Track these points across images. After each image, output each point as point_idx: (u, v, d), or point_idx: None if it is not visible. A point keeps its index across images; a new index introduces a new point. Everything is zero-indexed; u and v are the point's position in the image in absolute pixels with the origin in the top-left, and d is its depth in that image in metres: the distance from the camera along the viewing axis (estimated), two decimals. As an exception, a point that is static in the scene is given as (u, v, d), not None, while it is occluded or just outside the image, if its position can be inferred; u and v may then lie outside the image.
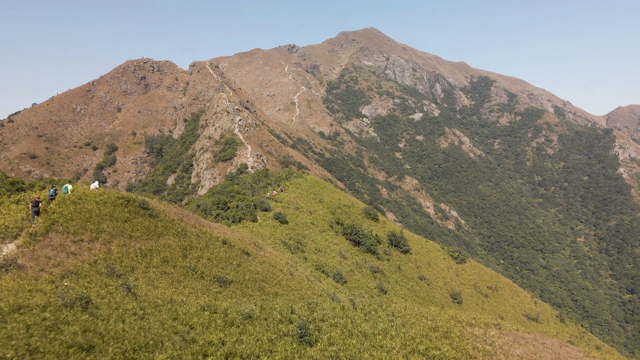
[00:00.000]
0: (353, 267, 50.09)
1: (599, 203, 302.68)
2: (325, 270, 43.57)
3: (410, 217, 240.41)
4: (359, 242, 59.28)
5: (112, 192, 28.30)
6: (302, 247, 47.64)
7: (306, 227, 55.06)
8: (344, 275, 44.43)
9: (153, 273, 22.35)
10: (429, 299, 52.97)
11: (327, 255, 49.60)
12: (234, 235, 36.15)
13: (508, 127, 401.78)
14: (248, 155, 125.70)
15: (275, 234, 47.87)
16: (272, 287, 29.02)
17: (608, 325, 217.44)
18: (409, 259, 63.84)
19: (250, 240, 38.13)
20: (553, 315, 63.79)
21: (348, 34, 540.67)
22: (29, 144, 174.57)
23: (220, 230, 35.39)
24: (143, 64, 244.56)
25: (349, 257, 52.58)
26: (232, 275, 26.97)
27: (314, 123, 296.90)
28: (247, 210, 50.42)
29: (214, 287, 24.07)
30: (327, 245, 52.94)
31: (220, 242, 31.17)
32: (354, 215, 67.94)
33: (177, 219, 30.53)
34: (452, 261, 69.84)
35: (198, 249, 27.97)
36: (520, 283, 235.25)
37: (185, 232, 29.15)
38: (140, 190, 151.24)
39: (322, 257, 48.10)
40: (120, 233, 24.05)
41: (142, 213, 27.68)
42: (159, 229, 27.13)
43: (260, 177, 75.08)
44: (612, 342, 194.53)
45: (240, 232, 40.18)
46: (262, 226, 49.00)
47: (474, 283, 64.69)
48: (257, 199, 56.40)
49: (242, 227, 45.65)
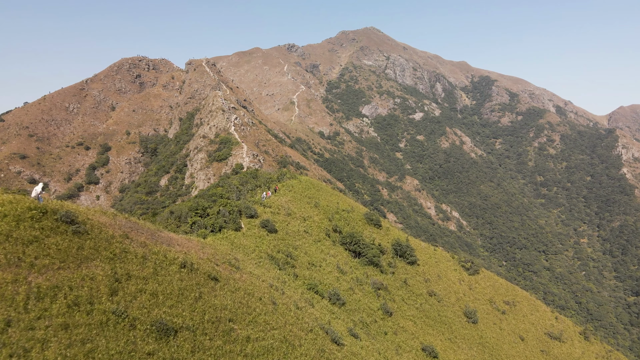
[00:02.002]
0: (353, 284, 44.15)
1: (602, 204, 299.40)
2: (320, 289, 37.55)
3: (411, 218, 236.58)
4: (359, 253, 53.03)
5: (23, 201, 20.95)
6: (292, 261, 41.27)
7: (298, 237, 48.34)
8: (341, 296, 38.44)
9: (45, 329, 15.75)
10: (440, 320, 47.30)
11: (322, 271, 43.34)
12: (204, 253, 29.78)
13: (509, 126, 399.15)
14: (244, 155, 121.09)
15: (261, 246, 41.48)
16: (244, 328, 22.79)
17: (613, 328, 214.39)
18: (417, 272, 57.21)
19: (225, 257, 31.79)
20: (576, 332, 57.88)
21: (348, 33, 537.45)
22: (19, 144, 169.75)
23: (185, 246, 28.71)
24: (138, 61, 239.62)
25: (348, 272, 46.45)
26: (184, 317, 20.56)
27: (314, 123, 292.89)
28: (229, 217, 44.01)
29: (148, 343, 17.56)
30: (323, 257, 46.55)
31: (176, 266, 24.17)
32: (353, 222, 61.08)
33: (120, 235, 23.33)
34: (464, 272, 62.88)
35: (139, 280, 21.00)
36: (523, 285, 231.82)
37: (126, 255, 22.02)
38: (133, 192, 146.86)
39: (317, 273, 42.03)
40: (14, 262, 17.44)
41: (62, 229, 20.55)
42: (85, 252, 20.38)
43: (247, 179, 67.17)
44: (617, 346, 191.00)
45: (215, 247, 33.91)
46: (246, 236, 42.42)
47: (490, 297, 58.43)
48: (243, 204, 49.41)
49: (220, 239, 39.18)
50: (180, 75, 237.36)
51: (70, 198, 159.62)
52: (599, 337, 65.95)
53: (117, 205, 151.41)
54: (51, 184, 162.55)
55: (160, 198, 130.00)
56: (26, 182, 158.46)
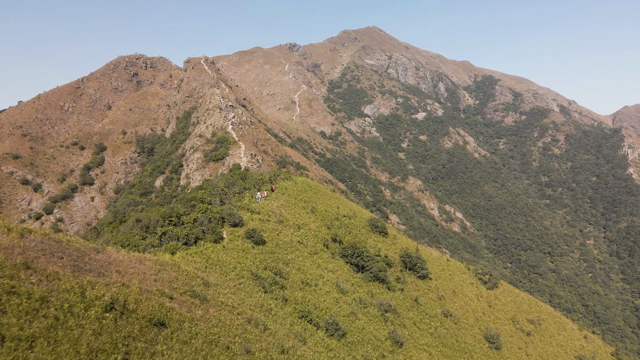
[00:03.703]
0: (355, 307, 36.89)
1: (609, 204, 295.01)
2: (315, 317, 30.54)
3: (414, 220, 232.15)
4: (362, 267, 46.01)
5: None
6: (282, 280, 34.41)
7: (291, 249, 41.32)
8: (341, 324, 31.43)
9: None
10: (459, 347, 40.63)
11: (318, 291, 36.18)
12: (157, 280, 22.36)
13: (513, 126, 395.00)
14: (241, 154, 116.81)
15: (245, 262, 34.47)
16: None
17: (621, 331, 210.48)
18: (429, 287, 50.02)
19: (189, 283, 24.73)
20: (607, 352, 52.25)
21: (350, 32, 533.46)
22: (12, 144, 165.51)
23: (128, 273, 21.32)
24: (135, 60, 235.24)
25: (349, 291, 39.21)
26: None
27: (315, 122, 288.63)
28: (208, 226, 37.51)
29: None
30: (319, 274, 39.41)
31: (98, 310, 16.51)
32: (356, 229, 53.45)
33: (12, 265, 15.98)
34: (482, 286, 55.49)
35: (19, 344, 13.18)
36: (529, 287, 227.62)
37: (8, 301, 14.43)
38: (127, 193, 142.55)
39: (311, 295, 35.03)
40: None
41: None
42: None
43: (234, 180, 59.13)
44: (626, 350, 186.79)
45: (179, 267, 26.67)
46: (227, 249, 35.45)
47: (512, 316, 51.55)
48: (227, 210, 42.59)
49: (194, 254, 32.34)
50: (178, 73, 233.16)
51: (64, 199, 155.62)
52: (632, 357, 60.49)
53: (111, 206, 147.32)
54: (44, 184, 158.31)
55: (155, 199, 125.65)
56: (19, 183, 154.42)
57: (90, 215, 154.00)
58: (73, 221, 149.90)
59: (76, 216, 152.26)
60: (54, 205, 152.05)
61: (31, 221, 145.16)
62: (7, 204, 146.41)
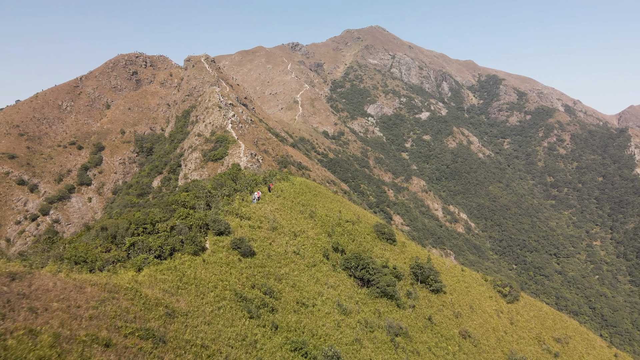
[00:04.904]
0: (360, 331, 31.24)
1: (615, 205, 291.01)
2: (311, 349, 24.69)
3: (418, 220, 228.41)
4: (368, 281, 40.35)
5: None
6: (273, 301, 28.78)
7: (285, 261, 35.67)
8: (343, 357, 25.78)
9: None
10: None
11: (316, 314, 30.53)
12: (100, 313, 17.27)
13: (518, 126, 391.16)
14: (241, 154, 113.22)
15: (229, 279, 28.94)
16: None
17: (629, 335, 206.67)
18: (443, 303, 44.12)
19: (145, 316, 19.38)
20: None
21: (353, 32, 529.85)
22: (8, 143, 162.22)
23: (63, 303, 16.52)
24: (135, 58, 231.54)
25: (352, 311, 33.47)
26: None
27: (318, 122, 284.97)
28: (188, 235, 31.59)
29: None
30: (318, 291, 33.86)
31: None
32: (360, 236, 47.43)
33: None
34: (502, 300, 49.49)
35: None
36: (535, 290, 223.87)
37: None
38: (124, 194, 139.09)
39: (308, 318, 29.38)
40: None
41: None
42: None
43: (224, 181, 52.48)
44: (634, 354, 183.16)
45: (137, 292, 21.44)
46: (208, 264, 29.76)
47: (537, 334, 45.41)
48: (212, 215, 36.65)
49: (165, 270, 26.66)
50: (178, 72, 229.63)
51: (60, 200, 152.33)
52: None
53: (108, 207, 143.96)
54: (41, 185, 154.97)
55: (152, 200, 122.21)
56: (14, 184, 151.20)
57: (87, 217, 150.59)
58: (70, 222, 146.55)
59: (73, 217, 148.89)
60: (50, 206, 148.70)
61: (27, 222, 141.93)
62: (2, 204, 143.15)
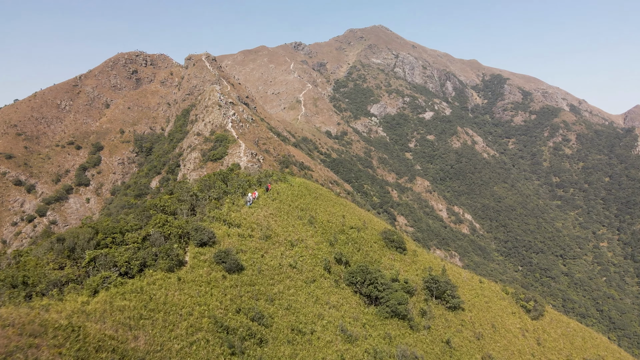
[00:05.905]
0: None
1: (622, 205, 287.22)
2: None
3: (422, 221, 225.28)
4: (377, 298, 34.94)
5: None
6: (262, 329, 23.30)
7: (279, 277, 30.29)
8: None
9: None
10: None
11: (314, 343, 25.09)
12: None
13: (523, 126, 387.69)
14: (241, 154, 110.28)
15: (209, 302, 23.57)
16: None
17: (637, 337, 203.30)
18: (462, 322, 38.33)
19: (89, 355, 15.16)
20: None
21: (356, 31, 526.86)
22: (5, 143, 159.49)
23: None
24: (135, 57, 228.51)
25: (359, 337, 27.90)
26: None
27: (321, 122, 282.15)
28: (163, 247, 26.29)
29: None
30: (318, 313, 28.37)
31: None
32: (367, 245, 41.64)
33: None
34: (526, 316, 43.38)
35: None
36: (541, 291, 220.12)
37: None
38: (122, 194, 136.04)
39: (305, 350, 24.09)
40: None
41: None
42: None
43: (213, 182, 46.38)
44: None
45: (74, 329, 17.04)
46: (184, 283, 24.31)
47: (567, 356, 39.16)
48: (194, 223, 31.58)
49: (128, 293, 21.53)
50: (179, 71, 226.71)
51: (58, 201, 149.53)
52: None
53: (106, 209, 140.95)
54: (38, 185, 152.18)
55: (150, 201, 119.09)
56: (11, 184, 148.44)
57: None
58: (67, 224, 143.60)
59: (70, 218, 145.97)
60: (48, 207, 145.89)
61: (23, 224, 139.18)
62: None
